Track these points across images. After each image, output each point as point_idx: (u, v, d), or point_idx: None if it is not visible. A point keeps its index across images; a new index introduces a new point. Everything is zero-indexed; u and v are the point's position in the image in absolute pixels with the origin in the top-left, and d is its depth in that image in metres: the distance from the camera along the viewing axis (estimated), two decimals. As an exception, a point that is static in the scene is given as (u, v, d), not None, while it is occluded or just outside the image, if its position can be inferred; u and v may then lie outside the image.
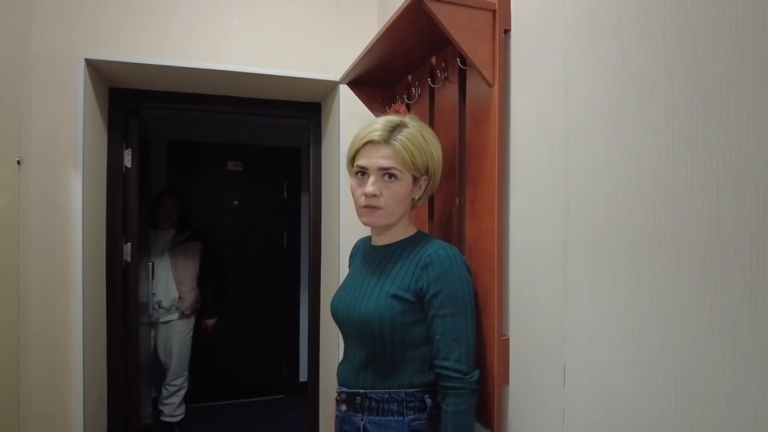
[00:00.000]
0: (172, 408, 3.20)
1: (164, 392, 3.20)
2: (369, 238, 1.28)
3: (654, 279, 0.75)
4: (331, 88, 2.13)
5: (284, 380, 4.05)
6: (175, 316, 3.15)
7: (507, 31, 1.13)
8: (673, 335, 0.71)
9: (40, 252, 1.75)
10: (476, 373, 1.07)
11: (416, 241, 1.17)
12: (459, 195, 1.28)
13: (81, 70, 1.78)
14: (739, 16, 0.62)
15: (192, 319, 3.27)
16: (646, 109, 0.76)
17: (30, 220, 1.73)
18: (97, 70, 1.90)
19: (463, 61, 1.22)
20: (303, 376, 3.93)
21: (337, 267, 2.07)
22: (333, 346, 2.13)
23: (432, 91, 1.42)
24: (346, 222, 2.03)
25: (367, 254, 1.24)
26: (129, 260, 2.22)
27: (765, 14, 0.59)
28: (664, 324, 0.73)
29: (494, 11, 1.12)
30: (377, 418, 1.10)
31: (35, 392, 1.75)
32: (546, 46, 1.00)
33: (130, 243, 2.22)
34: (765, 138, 0.59)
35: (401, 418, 1.09)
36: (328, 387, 2.24)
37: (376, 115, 1.28)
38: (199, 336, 3.39)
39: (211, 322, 3.40)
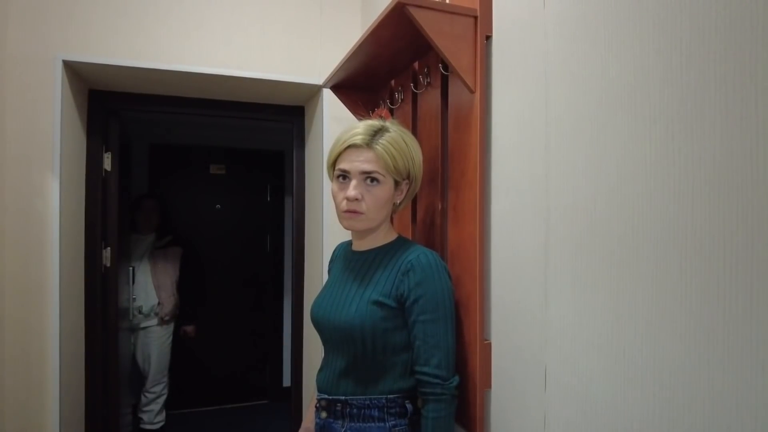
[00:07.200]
0: (152, 415, 3.15)
1: (144, 399, 3.14)
2: (349, 243, 1.27)
3: (632, 284, 0.75)
4: (314, 91, 2.12)
5: (268, 385, 4.01)
6: (154, 321, 3.10)
7: (488, 38, 1.14)
8: (651, 340, 0.72)
9: (15, 257, 1.71)
10: (456, 379, 1.07)
11: (397, 246, 1.16)
12: (441, 200, 1.28)
13: (58, 71, 1.75)
14: (712, 27, 0.63)
15: (171, 325, 3.22)
16: (624, 116, 0.77)
17: (4, 224, 1.69)
18: (75, 71, 1.87)
19: (446, 66, 1.23)
20: (286, 382, 3.90)
21: (320, 271, 2.06)
22: (317, 351, 2.11)
23: (415, 96, 1.42)
24: (329, 226, 2.02)
25: (347, 260, 1.24)
26: (108, 265, 2.18)
27: (738, 26, 0.60)
28: (642, 329, 0.74)
29: (476, 17, 1.12)
30: (358, 424, 1.09)
31: (9, 401, 1.70)
32: (527, 53, 1.01)
33: (109, 247, 2.18)
34: (738, 146, 0.60)
35: (382, 424, 1.08)
36: (312, 392, 2.23)
37: (359, 120, 1.28)
38: (181, 342, 3.35)
39: (189, 328, 3.35)
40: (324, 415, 1.15)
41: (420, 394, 1.08)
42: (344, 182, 1.12)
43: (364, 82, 1.60)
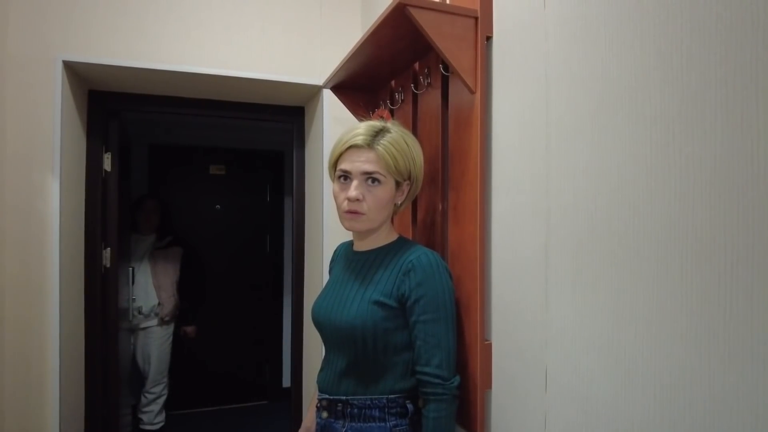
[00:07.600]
0: (152, 416, 3.15)
1: (143, 400, 3.14)
2: (350, 243, 1.27)
3: (633, 285, 0.76)
4: (314, 92, 2.12)
5: (267, 386, 4.01)
6: (154, 322, 3.10)
7: (489, 38, 1.14)
8: (652, 340, 0.72)
9: (15, 257, 1.71)
10: (457, 379, 1.07)
11: (398, 246, 1.17)
12: (442, 201, 1.28)
13: (58, 72, 1.75)
14: (713, 29, 0.63)
15: (171, 326, 3.21)
16: (625, 117, 0.77)
17: (4, 224, 1.69)
18: (75, 72, 1.87)
19: (446, 67, 1.23)
20: (286, 382, 3.90)
21: (320, 271, 2.06)
22: (316, 351, 2.11)
23: (415, 96, 1.42)
24: (329, 226, 2.03)
25: (348, 260, 1.24)
26: (108, 265, 2.18)
27: (737, 28, 0.60)
28: (643, 329, 0.74)
29: (476, 18, 1.12)
30: (359, 424, 1.09)
31: (9, 401, 1.70)
32: (527, 54, 1.01)
33: (109, 248, 2.18)
34: (739, 147, 0.60)
35: (383, 424, 1.08)
36: (312, 393, 2.23)
37: (360, 120, 1.28)
38: (180, 342, 3.35)
39: (190, 329, 3.35)
40: (325, 415, 1.15)
41: (421, 394, 1.08)
42: (345, 183, 1.12)
43: (365, 83, 1.60)
